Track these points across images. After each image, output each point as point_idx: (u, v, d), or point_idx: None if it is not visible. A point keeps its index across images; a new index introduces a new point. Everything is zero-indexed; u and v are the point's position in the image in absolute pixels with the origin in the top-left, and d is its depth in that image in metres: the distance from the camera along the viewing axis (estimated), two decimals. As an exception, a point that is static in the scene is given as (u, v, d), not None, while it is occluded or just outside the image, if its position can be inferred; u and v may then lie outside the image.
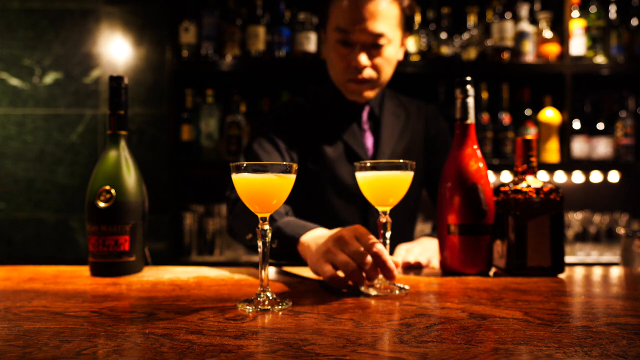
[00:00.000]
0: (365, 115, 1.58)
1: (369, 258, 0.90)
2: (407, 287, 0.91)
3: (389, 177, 0.94)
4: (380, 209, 0.96)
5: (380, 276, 0.92)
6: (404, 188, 0.95)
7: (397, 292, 0.89)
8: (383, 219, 0.95)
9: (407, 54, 2.59)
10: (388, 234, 0.94)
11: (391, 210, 0.98)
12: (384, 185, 0.95)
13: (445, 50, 2.60)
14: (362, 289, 0.90)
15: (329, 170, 1.52)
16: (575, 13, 2.60)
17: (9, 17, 2.66)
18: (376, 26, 1.39)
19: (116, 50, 2.68)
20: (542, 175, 2.65)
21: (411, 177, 0.96)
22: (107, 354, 0.58)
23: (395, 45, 1.49)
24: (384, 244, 0.94)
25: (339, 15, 1.42)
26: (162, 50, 2.64)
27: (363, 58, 1.42)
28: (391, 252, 1.34)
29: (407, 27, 1.52)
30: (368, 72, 1.45)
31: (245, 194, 0.84)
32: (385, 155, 1.55)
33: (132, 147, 1.21)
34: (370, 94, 1.52)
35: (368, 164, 0.94)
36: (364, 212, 1.52)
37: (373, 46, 1.43)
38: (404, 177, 0.94)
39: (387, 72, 1.51)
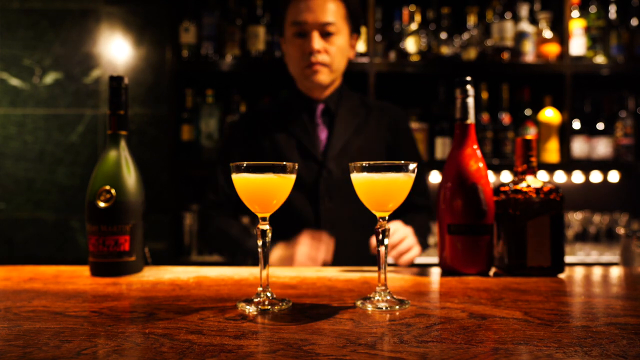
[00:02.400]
0: (319, 110, 1.72)
1: None
2: (408, 302, 0.84)
3: (388, 179, 0.84)
4: (378, 214, 0.86)
5: (379, 288, 0.87)
6: (405, 192, 0.86)
7: (397, 307, 0.81)
8: (381, 225, 0.86)
9: (407, 54, 2.59)
10: (386, 241, 0.85)
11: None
12: (382, 189, 0.85)
13: (445, 50, 2.60)
14: (359, 304, 0.82)
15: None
16: (575, 13, 2.60)
17: (9, 17, 2.66)
18: (325, 16, 1.62)
19: (116, 50, 2.68)
20: (542, 175, 2.65)
21: (412, 179, 0.86)
22: (107, 354, 0.58)
23: (344, 37, 1.67)
24: (383, 252, 0.85)
25: (294, 12, 1.64)
26: (162, 50, 2.64)
27: (316, 42, 1.61)
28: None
29: (354, 25, 1.72)
30: (321, 57, 1.63)
31: (245, 194, 0.84)
32: (336, 149, 1.66)
33: (132, 147, 1.21)
34: (323, 77, 1.66)
35: (364, 165, 0.84)
36: (315, 202, 1.63)
37: (324, 35, 1.63)
38: (405, 179, 0.85)
39: (339, 61, 1.68)
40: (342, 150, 1.66)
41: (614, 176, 2.76)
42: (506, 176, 2.64)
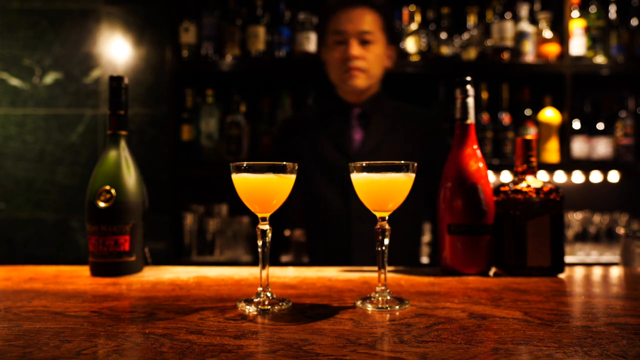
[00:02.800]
0: (355, 113, 1.84)
1: None
2: (408, 302, 0.84)
3: (387, 179, 0.83)
4: (378, 214, 0.86)
5: (379, 288, 0.87)
6: (405, 192, 0.86)
7: (397, 307, 0.81)
8: (381, 226, 0.85)
9: (406, 54, 2.59)
10: (386, 241, 0.85)
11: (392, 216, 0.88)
12: (382, 189, 0.84)
13: (445, 50, 2.60)
14: (359, 303, 0.83)
15: (320, 163, 1.81)
16: (575, 13, 2.60)
17: (9, 17, 2.66)
18: (363, 25, 1.76)
19: (116, 50, 2.68)
20: (542, 175, 2.65)
21: (412, 179, 0.85)
22: (107, 354, 0.58)
23: (381, 47, 1.80)
24: (382, 252, 0.85)
25: (335, 22, 1.79)
26: (162, 50, 2.64)
27: (354, 48, 1.74)
28: (390, 263, 1.32)
29: (390, 36, 1.85)
30: (359, 63, 1.75)
31: (245, 194, 0.84)
32: (368, 148, 1.77)
33: (132, 147, 1.21)
34: (360, 82, 1.77)
35: (364, 165, 0.84)
36: (347, 198, 1.73)
37: (362, 43, 1.76)
38: (405, 179, 0.84)
39: (376, 68, 1.80)
40: (375, 150, 1.77)
41: (614, 176, 2.76)
42: (506, 176, 2.64)
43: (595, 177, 2.77)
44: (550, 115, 2.60)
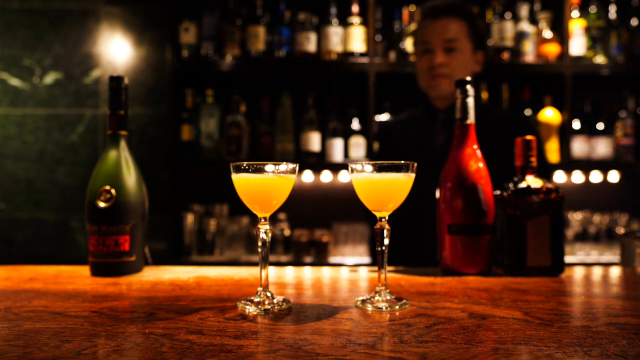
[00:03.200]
0: (440, 117, 1.92)
1: None
2: (408, 301, 0.83)
3: (387, 179, 0.83)
4: (378, 214, 0.86)
5: (379, 288, 0.85)
6: (405, 192, 0.86)
7: (397, 307, 0.81)
8: (381, 226, 0.85)
9: (406, 54, 2.59)
10: (386, 241, 0.85)
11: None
12: (382, 189, 0.84)
13: (445, 50, 2.59)
14: (359, 303, 0.82)
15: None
16: (575, 13, 2.60)
17: (9, 17, 2.66)
18: (446, 34, 1.83)
19: (116, 50, 2.68)
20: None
21: (412, 179, 0.85)
22: (107, 354, 0.58)
23: (466, 53, 1.86)
24: (382, 252, 0.85)
25: (422, 33, 1.89)
26: (162, 50, 2.64)
27: (438, 57, 1.83)
28: (390, 262, 1.33)
29: (477, 42, 1.90)
30: (443, 70, 1.83)
31: (245, 194, 0.84)
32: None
33: (132, 147, 1.21)
34: (445, 88, 1.85)
35: (363, 165, 0.84)
36: (422, 196, 1.76)
37: (447, 50, 1.84)
38: (405, 179, 0.84)
39: (461, 74, 1.83)
40: None
41: (614, 176, 2.76)
42: (506, 176, 2.64)
43: (595, 177, 2.77)
44: (550, 115, 2.60)
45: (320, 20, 2.61)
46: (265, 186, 0.83)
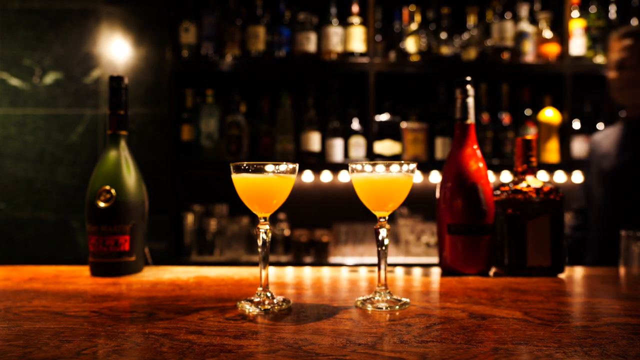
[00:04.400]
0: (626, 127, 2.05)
1: None
2: (408, 301, 0.83)
3: (387, 179, 0.83)
4: (378, 214, 0.86)
5: (379, 288, 0.85)
6: (405, 192, 0.85)
7: (397, 307, 0.81)
8: (381, 226, 0.85)
9: (407, 54, 2.59)
10: (386, 241, 0.84)
11: None
12: (382, 189, 0.84)
13: (445, 50, 2.60)
14: (359, 304, 0.82)
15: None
16: (575, 13, 2.60)
17: (9, 17, 2.66)
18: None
19: (116, 50, 2.68)
20: (542, 175, 2.65)
21: (412, 179, 0.85)
22: (107, 354, 0.58)
23: None
24: (382, 252, 0.85)
25: (614, 49, 1.99)
26: (162, 50, 2.64)
27: (631, 72, 1.94)
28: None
29: None
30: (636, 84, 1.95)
31: (245, 194, 0.84)
32: (624, 159, 1.97)
33: (132, 147, 1.21)
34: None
35: (363, 165, 0.84)
36: (619, 196, 1.95)
37: None
38: (405, 179, 0.84)
39: None
40: (631, 163, 1.97)
41: (614, 176, 2.75)
42: (506, 176, 2.64)
43: (595, 177, 2.76)
44: (550, 115, 2.60)
45: (320, 20, 2.61)
46: (265, 186, 0.83)
